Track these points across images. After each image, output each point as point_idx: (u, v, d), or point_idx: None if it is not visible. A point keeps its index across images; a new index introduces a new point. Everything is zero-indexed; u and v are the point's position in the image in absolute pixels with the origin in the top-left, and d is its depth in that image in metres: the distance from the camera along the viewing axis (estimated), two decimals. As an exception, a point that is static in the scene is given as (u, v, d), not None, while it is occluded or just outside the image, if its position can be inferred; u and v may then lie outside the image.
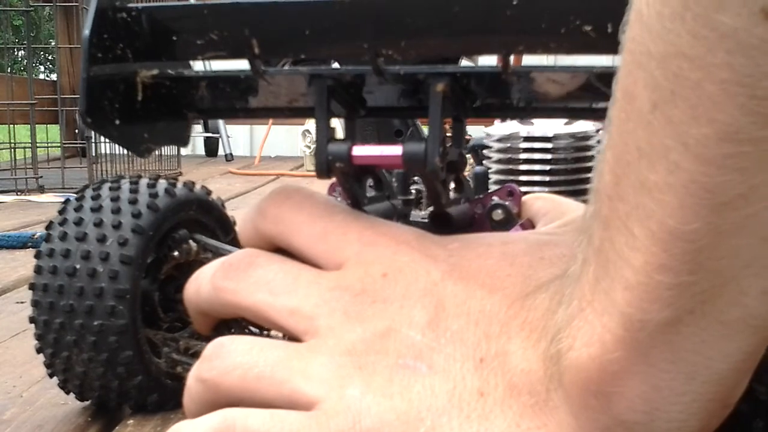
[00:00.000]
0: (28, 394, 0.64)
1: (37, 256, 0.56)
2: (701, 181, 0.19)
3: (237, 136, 3.81)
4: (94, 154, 2.28)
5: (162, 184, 0.59)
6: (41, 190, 2.12)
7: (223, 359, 0.27)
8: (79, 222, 0.56)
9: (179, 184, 0.60)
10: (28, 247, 1.32)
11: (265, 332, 0.34)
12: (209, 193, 0.62)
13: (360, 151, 0.28)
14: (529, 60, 0.30)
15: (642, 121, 0.20)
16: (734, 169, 0.19)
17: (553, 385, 0.24)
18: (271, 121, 3.28)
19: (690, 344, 0.21)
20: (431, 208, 0.34)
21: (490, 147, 1.16)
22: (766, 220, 0.19)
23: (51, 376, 0.57)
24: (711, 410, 0.22)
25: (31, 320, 0.56)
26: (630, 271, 0.21)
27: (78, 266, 0.54)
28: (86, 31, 0.28)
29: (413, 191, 0.38)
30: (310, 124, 2.80)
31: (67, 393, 0.58)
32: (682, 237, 0.20)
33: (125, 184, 0.58)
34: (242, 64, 0.31)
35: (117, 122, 0.29)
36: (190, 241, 0.58)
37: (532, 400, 0.24)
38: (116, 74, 0.29)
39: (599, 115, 0.31)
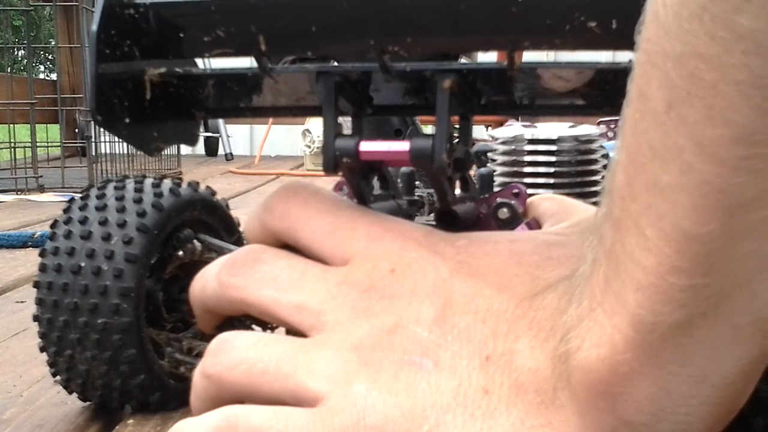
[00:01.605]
0: (28, 393, 0.63)
1: (42, 254, 0.56)
2: (715, 183, 0.19)
3: (237, 135, 3.81)
4: (94, 154, 2.28)
5: (167, 183, 0.59)
6: (41, 189, 2.12)
7: (227, 354, 0.27)
8: (84, 220, 0.56)
9: (184, 184, 0.60)
10: (28, 247, 1.32)
11: (270, 330, 0.34)
12: (214, 193, 0.62)
13: (367, 146, 0.28)
14: (528, 56, 0.30)
15: (656, 121, 0.20)
16: (749, 171, 0.19)
17: (560, 384, 0.24)
18: (271, 120, 3.28)
19: (701, 347, 0.21)
20: (433, 214, 0.34)
21: (494, 150, 1.17)
22: None
23: (54, 375, 0.57)
24: (717, 414, 0.22)
25: (35, 318, 0.56)
26: (641, 272, 0.21)
27: (83, 264, 0.54)
28: (94, 27, 0.28)
29: (417, 195, 0.38)
30: (311, 123, 2.80)
31: (70, 392, 0.58)
32: (696, 239, 0.20)
33: (130, 184, 0.58)
34: (245, 66, 0.31)
35: (127, 121, 0.29)
36: (195, 241, 0.58)
37: (538, 398, 0.24)
38: (124, 72, 0.29)
39: (606, 111, 0.31)
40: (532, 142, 1.14)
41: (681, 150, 0.19)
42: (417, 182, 0.39)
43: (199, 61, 0.32)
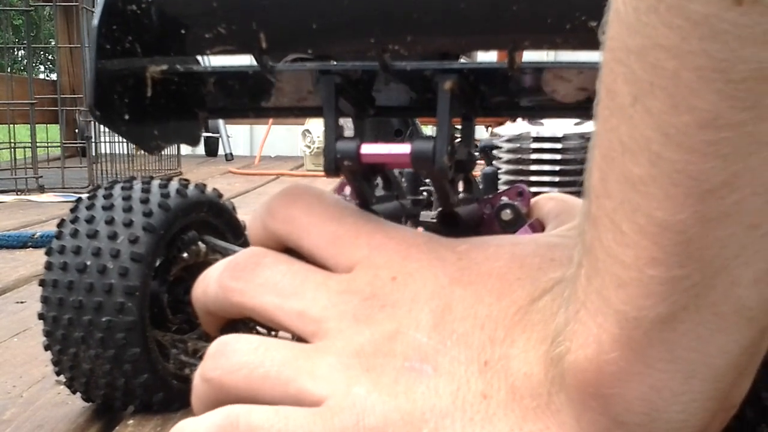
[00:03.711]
0: (28, 394, 0.63)
1: (48, 252, 0.56)
2: (685, 170, 0.19)
3: (237, 135, 3.81)
4: (94, 154, 2.28)
5: (174, 184, 0.59)
6: (41, 189, 2.12)
7: (228, 358, 0.27)
8: (90, 220, 0.56)
9: (191, 186, 0.60)
10: (28, 247, 1.31)
11: (273, 333, 0.34)
12: (221, 195, 0.62)
13: (368, 149, 0.28)
14: (528, 56, 0.30)
15: (624, 116, 0.20)
16: (716, 155, 0.19)
17: (554, 387, 0.24)
18: (271, 120, 3.28)
19: (686, 341, 0.21)
20: (440, 209, 0.33)
21: (500, 147, 1.16)
22: (751, 207, 0.19)
23: (58, 373, 0.57)
24: (711, 409, 0.22)
25: (40, 316, 0.56)
26: (621, 267, 0.21)
27: (88, 263, 0.54)
28: (95, 22, 0.28)
29: (423, 192, 0.38)
30: (311, 124, 2.79)
31: (73, 392, 0.58)
32: (671, 228, 0.20)
33: (137, 184, 0.58)
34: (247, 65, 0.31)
35: (126, 117, 0.29)
36: (200, 243, 0.58)
37: (533, 403, 0.24)
38: (125, 68, 0.29)
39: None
40: (537, 139, 1.14)
41: (648, 141, 0.20)
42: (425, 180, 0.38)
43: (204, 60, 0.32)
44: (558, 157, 1.13)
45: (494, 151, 1.18)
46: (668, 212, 0.20)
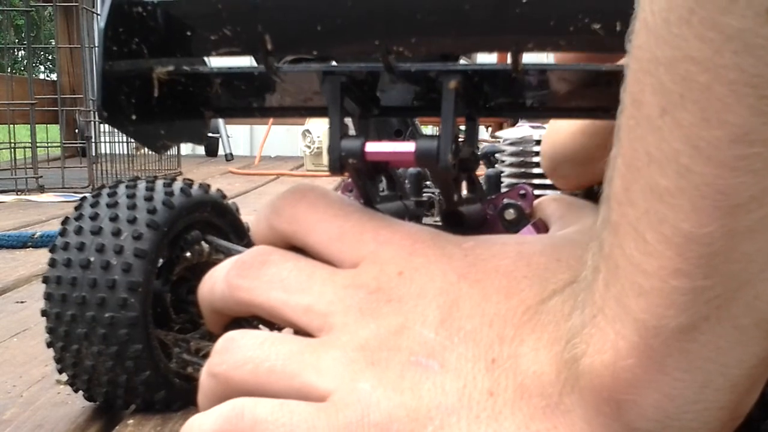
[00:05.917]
0: (28, 394, 0.63)
1: (52, 249, 0.56)
2: (713, 184, 0.19)
3: (237, 135, 3.81)
4: (94, 154, 2.28)
5: (178, 184, 0.59)
6: (41, 189, 2.12)
7: (233, 353, 0.27)
8: (94, 217, 0.56)
9: (195, 185, 0.60)
10: (28, 247, 1.31)
11: (276, 329, 0.34)
12: (224, 196, 0.62)
13: (373, 147, 0.28)
14: (528, 58, 0.30)
15: (651, 127, 0.20)
16: (746, 170, 0.19)
17: (566, 389, 0.24)
18: (271, 120, 3.28)
19: (705, 351, 0.21)
20: (443, 211, 0.34)
21: (503, 151, 1.17)
22: None
23: (60, 371, 0.57)
24: (722, 418, 0.22)
25: (43, 313, 0.56)
26: (643, 276, 0.21)
27: (92, 259, 0.55)
28: (101, 24, 0.28)
29: (426, 196, 0.38)
30: (311, 124, 2.79)
31: (76, 390, 0.58)
32: (697, 240, 0.20)
33: (141, 183, 0.58)
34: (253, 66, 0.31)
35: (133, 118, 0.29)
36: (203, 243, 0.58)
37: (543, 402, 0.24)
38: (132, 69, 0.29)
39: (614, 114, 0.31)
40: (540, 143, 1.14)
41: (677, 154, 0.19)
42: (427, 182, 0.39)
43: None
44: (560, 160, 1.13)
45: (497, 155, 1.19)
46: (695, 224, 0.20)
